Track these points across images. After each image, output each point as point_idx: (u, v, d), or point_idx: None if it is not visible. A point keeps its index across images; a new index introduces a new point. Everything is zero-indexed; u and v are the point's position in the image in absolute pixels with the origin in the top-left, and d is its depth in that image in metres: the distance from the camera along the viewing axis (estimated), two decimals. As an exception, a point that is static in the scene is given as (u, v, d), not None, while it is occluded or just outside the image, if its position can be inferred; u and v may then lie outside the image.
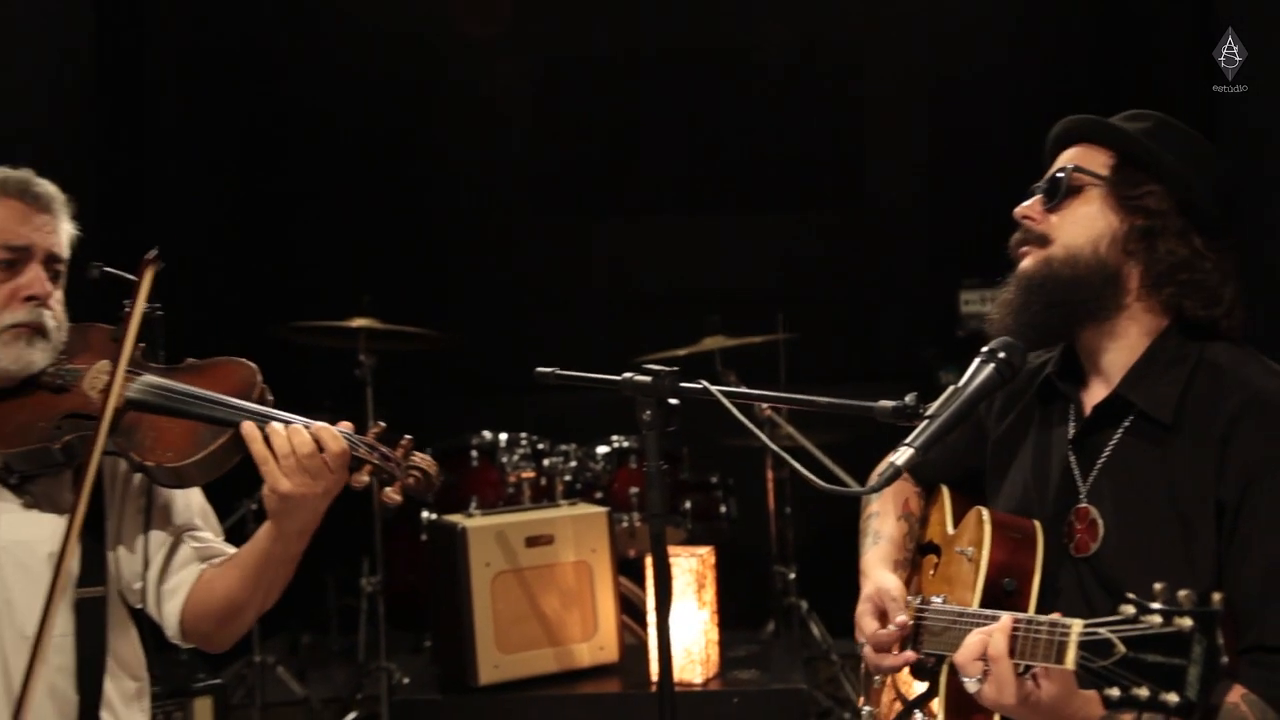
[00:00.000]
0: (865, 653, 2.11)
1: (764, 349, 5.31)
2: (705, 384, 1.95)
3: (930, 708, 2.04)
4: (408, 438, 2.13)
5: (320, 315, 4.95)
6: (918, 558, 2.27)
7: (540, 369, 2.15)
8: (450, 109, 6.74)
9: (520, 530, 3.84)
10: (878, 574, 2.17)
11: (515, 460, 5.16)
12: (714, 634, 3.89)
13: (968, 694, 1.81)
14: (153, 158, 6.09)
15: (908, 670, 2.13)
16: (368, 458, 2.08)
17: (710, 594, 3.88)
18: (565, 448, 5.21)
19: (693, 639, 3.83)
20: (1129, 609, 1.50)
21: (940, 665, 2.02)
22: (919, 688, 2.10)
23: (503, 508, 4.58)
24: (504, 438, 5.23)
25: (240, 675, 5.15)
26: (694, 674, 3.83)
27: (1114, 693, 1.49)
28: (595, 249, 6.78)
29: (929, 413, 1.81)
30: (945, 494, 2.27)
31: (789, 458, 1.88)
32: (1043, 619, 1.69)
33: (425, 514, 4.90)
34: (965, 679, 1.79)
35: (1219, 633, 1.43)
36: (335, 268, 6.55)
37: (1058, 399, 2.08)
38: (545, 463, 5.16)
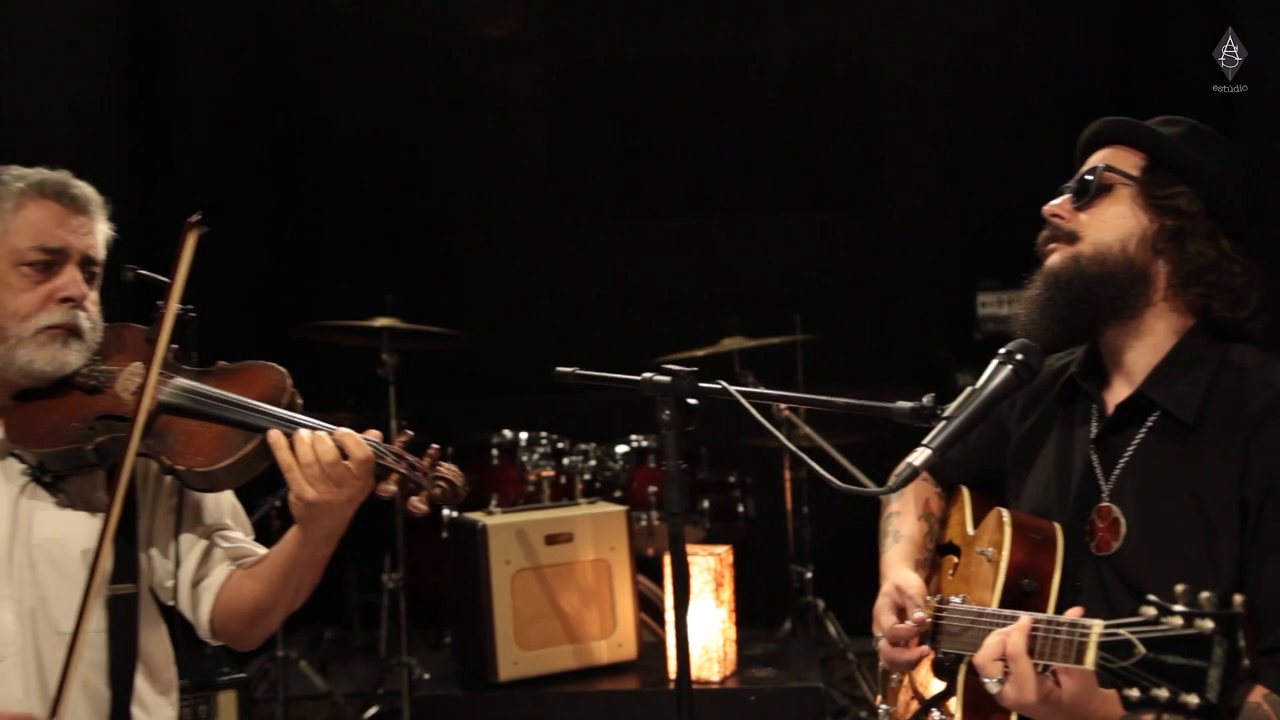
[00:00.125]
0: (881, 646, 2.10)
1: (782, 350, 5.30)
2: (724, 384, 1.95)
3: (947, 707, 2.03)
4: (434, 447, 2.12)
5: (344, 315, 4.96)
6: (937, 558, 2.26)
7: (560, 369, 2.16)
8: (471, 113, 6.76)
9: (540, 528, 3.84)
10: (897, 571, 2.16)
11: (535, 459, 5.17)
12: (731, 632, 3.88)
13: (985, 693, 1.80)
14: (179, 160, 6.11)
15: (926, 669, 2.12)
16: (394, 466, 2.07)
17: (728, 593, 3.86)
18: (585, 447, 5.22)
19: (710, 637, 3.82)
20: (1150, 610, 1.49)
21: (958, 665, 2.01)
22: (936, 687, 2.09)
23: (523, 506, 4.58)
24: (524, 437, 5.24)
25: (264, 669, 5.18)
26: (711, 672, 3.81)
27: (1134, 693, 1.48)
28: (615, 250, 6.78)
29: (947, 414, 1.82)
30: (965, 495, 2.26)
31: (807, 458, 1.87)
32: (1063, 619, 1.68)
33: (446, 512, 4.91)
34: (985, 679, 1.78)
35: (1240, 635, 1.41)
36: (358, 268, 6.57)
37: (1080, 398, 2.08)
38: (565, 461, 5.18)
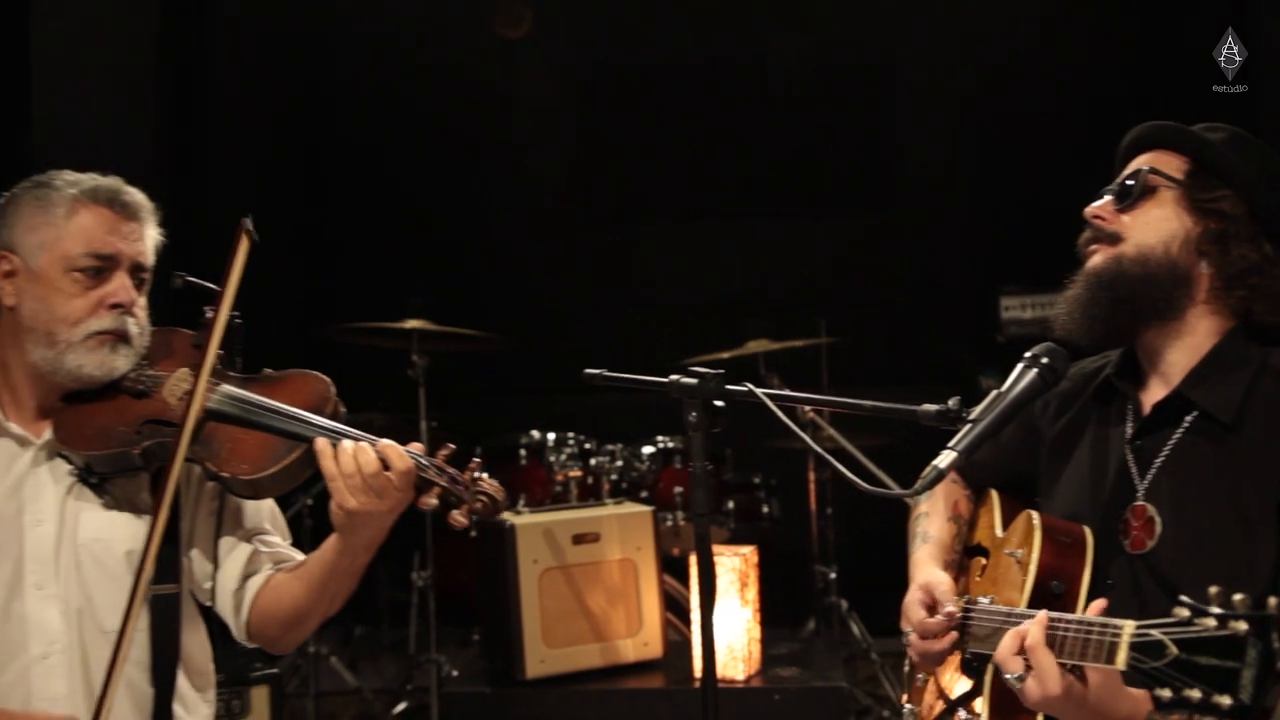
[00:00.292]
0: (912, 639, 2.08)
1: (806, 352, 5.28)
2: (750, 387, 1.94)
3: (973, 707, 2.02)
4: (475, 460, 2.10)
5: (375, 317, 4.98)
6: (965, 560, 2.25)
7: (589, 370, 2.15)
8: (501, 119, 6.77)
9: (567, 528, 3.84)
10: (926, 570, 2.15)
11: (563, 459, 5.17)
12: (756, 632, 3.87)
13: (1012, 694, 1.78)
14: (211, 165, 6.14)
15: (952, 670, 2.10)
16: (436, 480, 2.06)
17: (753, 592, 3.86)
18: (611, 447, 5.21)
19: (735, 636, 3.81)
20: (1183, 611, 1.47)
21: (985, 665, 1.99)
22: (961, 687, 2.07)
23: (550, 506, 4.58)
24: (552, 437, 5.24)
25: (295, 665, 5.19)
26: (736, 671, 3.81)
27: (1165, 694, 1.47)
28: (642, 253, 6.77)
29: (972, 417, 1.80)
30: (995, 497, 2.24)
31: (834, 461, 1.86)
32: (1093, 620, 1.66)
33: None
34: (1006, 675, 1.76)
35: (1275, 637, 1.40)
36: (389, 271, 6.58)
37: (1116, 399, 2.07)
38: (592, 462, 5.17)
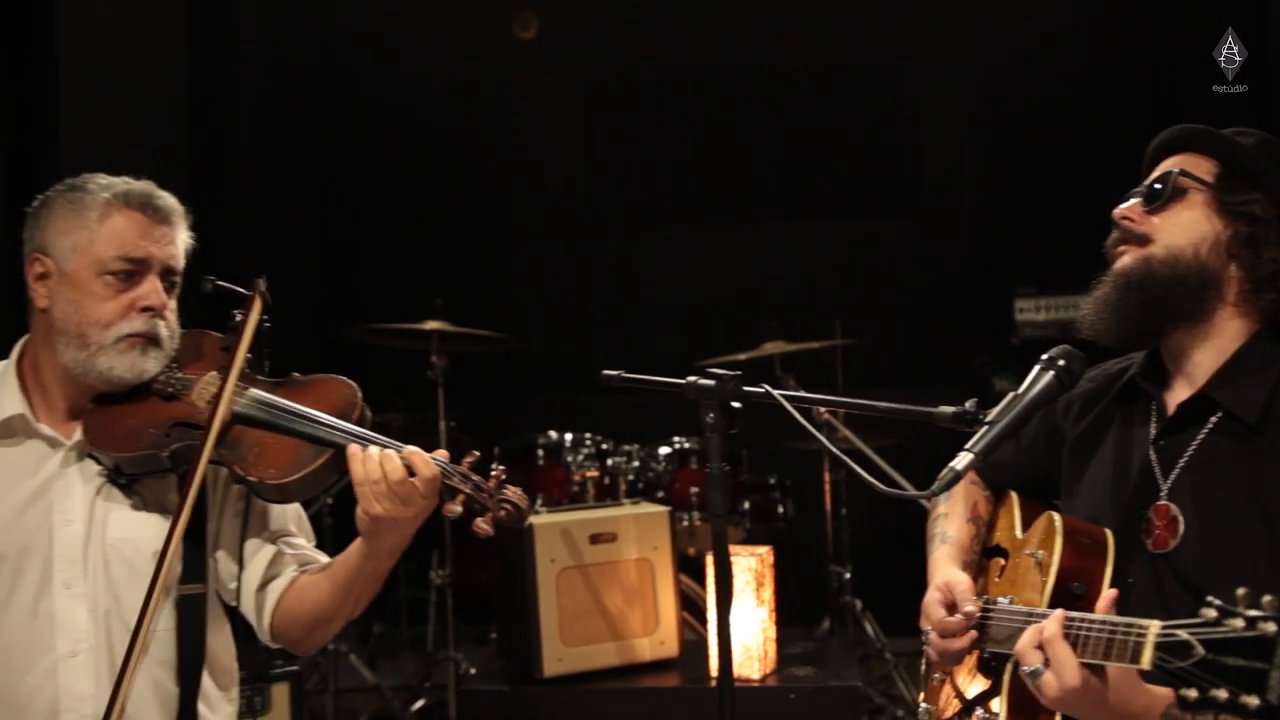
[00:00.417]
0: (931, 638, 2.07)
1: (821, 354, 5.27)
2: (767, 388, 1.94)
3: (990, 706, 2.00)
4: (499, 468, 2.10)
5: (394, 318, 4.98)
6: (983, 561, 2.23)
7: (607, 371, 2.15)
8: (519, 123, 6.78)
9: (584, 528, 3.84)
10: (945, 570, 2.14)
11: (580, 460, 5.17)
12: (771, 631, 3.86)
13: (1030, 694, 1.77)
14: (234, 166, 6.16)
15: (969, 670, 2.09)
16: (460, 487, 2.06)
17: (769, 592, 3.84)
18: (628, 448, 5.21)
19: (751, 636, 3.80)
20: (1210, 612, 1.46)
21: (1004, 664, 1.98)
22: (978, 686, 2.06)
23: (567, 506, 4.58)
24: (569, 438, 5.24)
25: (315, 662, 5.19)
26: (752, 670, 3.79)
27: (1191, 693, 1.45)
28: (658, 256, 6.78)
29: (989, 418, 1.80)
30: (1015, 499, 2.23)
31: (851, 462, 1.86)
32: (1117, 619, 1.65)
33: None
34: (1024, 668, 1.75)
35: None
36: (409, 273, 6.59)
37: (1140, 399, 2.05)
38: (609, 462, 5.16)
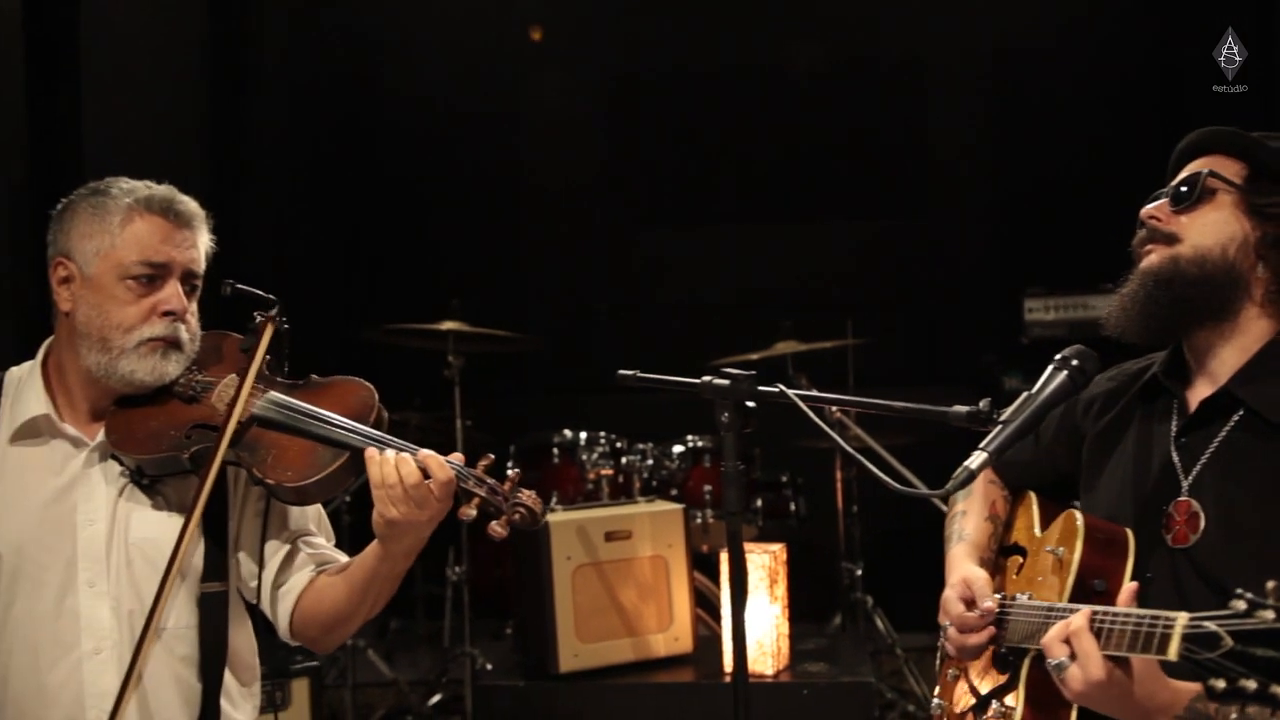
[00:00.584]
0: (950, 633, 2.06)
1: (832, 353, 5.27)
2: (782, 388, 1.93)
3: (1005, 700, 1.99)
4: (515, 471, 2.09)
5: (412, 319, 4.99)
6: (1000, 560, 2.23)
7: (623, 371, 2.14)
8: (535, 124, 6.78)
9: (600, 525, 3.84)
10: (963, 566, 2.13)
11: (594, 458, 5.16)
12: (785, 628, 3.85)
13: (1049, 687, 1.77)
14: (254, 168, 6.18)
15: (984, 665, 2.09)
16: (476, 490, 2.05)
17: (782, 589, 3.84)
18: (642, 446, 5.20)
19: (765, 632, 3.79)
20: (1240, 604, 1.45)
21: (1021, 659, 1.97)
22: (993, 682, 2.05)
23: (582, 503, 4.57)
24: (584, 436, 5.23)
25: (333, 657, 5.20)
26: (766, 666, 3.79)
27: (1219, 684, 1.44)
28: (672, 257, 6.77)
29: (1003, 418, 1.79)
30: (1033, 498, 2.22)
31: (866, 462, 1.85)
32: (1142, 612, 1.64)
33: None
34: (1050, 660, 1.74)
35: None
36: (426, 274, 6.60)
37: (1161, 397, 2.05)
38: (623, 461, 5.15)
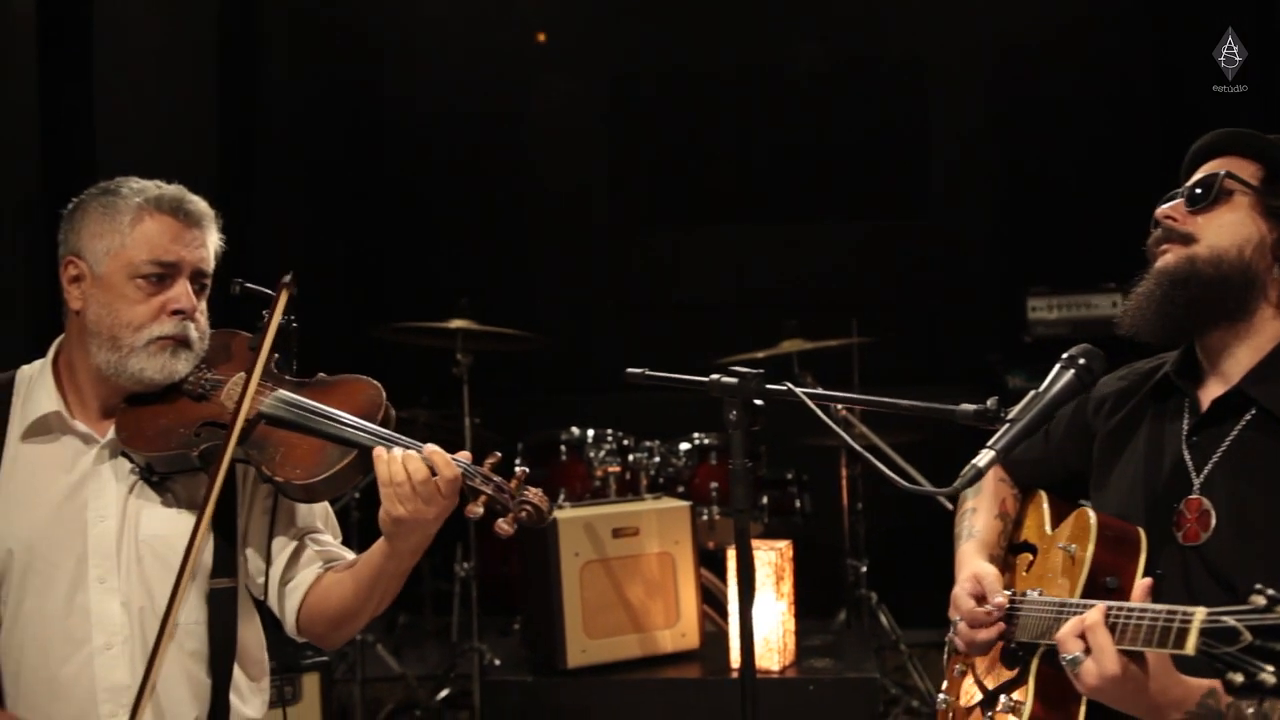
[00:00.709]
0: (960, 628, 2.06)
1: (837, 352, 5.26)
2: (790, 386, 1.93)
3: (1014, 695, 1.99)
4: (522, 469, 2.08)
5: (421, 317, 4.98)
6: (1010, 557, 2.22)
7: (631, 370, 2.14)
8: (541, 125, 6.78)
9: (607, 522, 3.83)
10: (974, 562, 2.13)
11: (602, 455, 5.15)
12: (791, 624, 3.84)
13: (1058, 681, 1.76)
14: (263, 166, 6.18)
15: (992, 660, 2.08)
16: (482, 488, 2.05)
17: (788, 586, 3.83)
18: (649, 444, 5.20)
19: (771, 628, 3.78)
20: (1259, 599, 1.45)
21: (1030, 654, 1.96)
22: (1001, 677, 2.04)
23: (590, 500, 4.57)
24: (591, 434, 5.23)
25: (343, 652, 5.20)
26: (771, 662, 3.78)
27: (1237, 678, 1.43)
28: (678, 256, 6.77)
29: (1010, 416, 1.79)
30: (1044, 497, 2.21)
31: (876, 460, 1.86)
32: (1158, 606, 1.63)
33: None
34: (1064, 655, 1.73)
35: None
36: (435, 273, 6.60)
37: (1172, 396, 2.04)
38: (630, 458, 5.15)
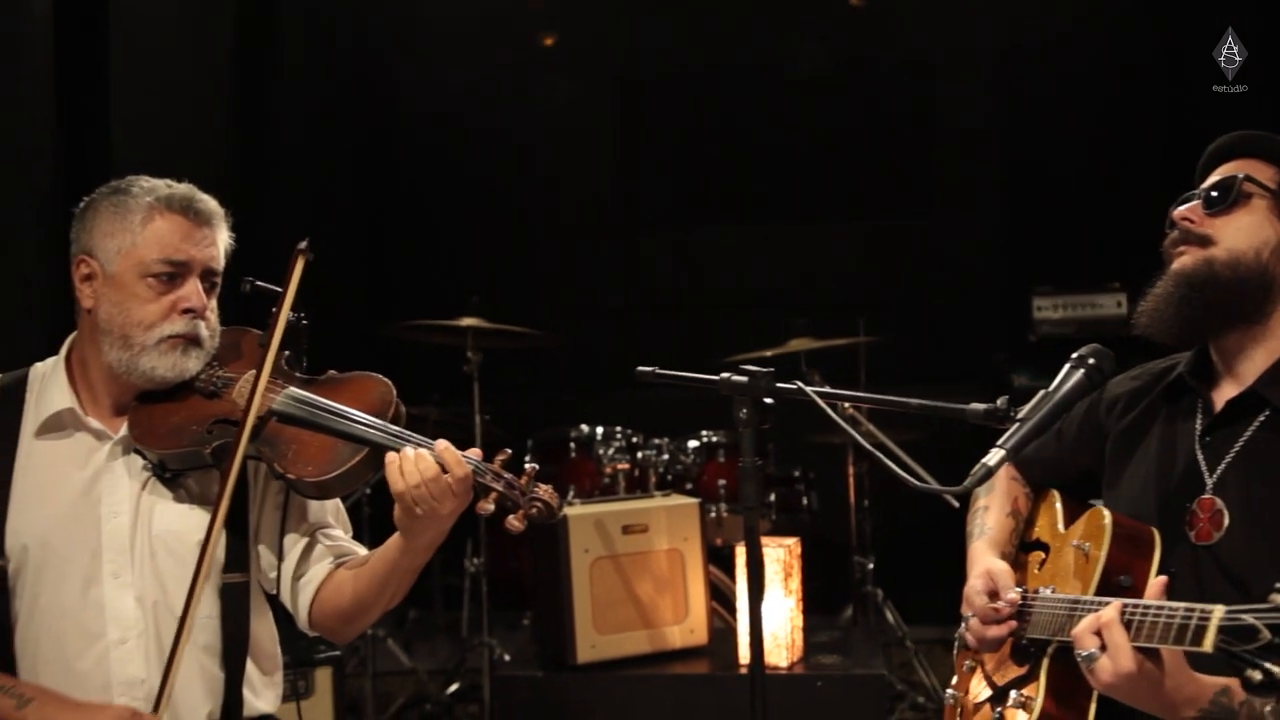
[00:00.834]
0: (972, 624, 2.05)
1: (844, 350, 5.25)
2: (800, 384, 1.93)
3: (1025, 691, 1.98)
4: (532, 466, 2.09)
5: (431, 315, 4.98)
6: (1021, 555, 2.21)
7: (641, 368, 2.14)
8: (550, 124, 6.77)
9: (617, 519, 3.83)
10: (986, 559, 2.12)
11: (611, 453, 5.15)
12: (799, 620, 3.84)
13: (1070, 677, 1.76)
14: (274, 164, 6.17)
15: (1002, 657, 2.07)
16: (493, 485, 2.05)
17: (796, 583, 3.83)
18: (658, 441, 5.19)
19: (779, 625, 3.78)
20: (1279, 598, 1.45)
21: (1042, 650, 1.96)
22: (1010, 673, 2.03)
23: (599, 497, 4.57)
24: (600, 431, 5.22)
25: (354, 647, 5.20)
26: (780, 658, 3.78)
27: (1256, 675, 1.43)
28: (688, 255, 6.77)
29: (1020, 416, 1.78)
30: (1056, 496, 2.21)
31: (885, 459, 1.86)
32: (1175, 604, 1.63)
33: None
34: (1079, 652, 1.72)
35: None
36: (446, 271, 6.60)
37: (1186, 396, 2.03)
38: (639, 455, 5.15)
